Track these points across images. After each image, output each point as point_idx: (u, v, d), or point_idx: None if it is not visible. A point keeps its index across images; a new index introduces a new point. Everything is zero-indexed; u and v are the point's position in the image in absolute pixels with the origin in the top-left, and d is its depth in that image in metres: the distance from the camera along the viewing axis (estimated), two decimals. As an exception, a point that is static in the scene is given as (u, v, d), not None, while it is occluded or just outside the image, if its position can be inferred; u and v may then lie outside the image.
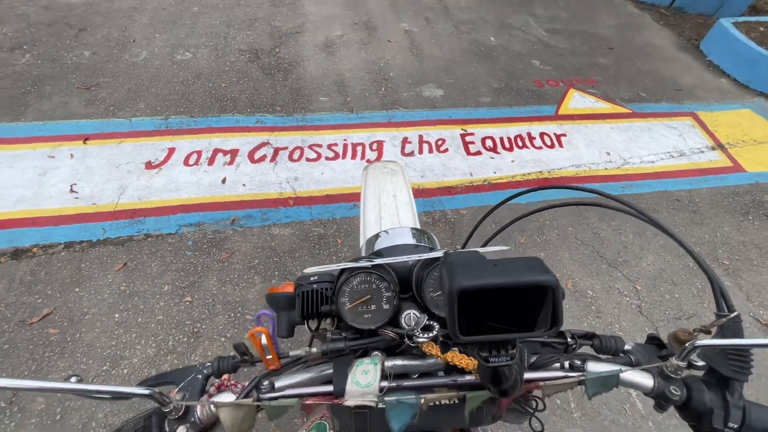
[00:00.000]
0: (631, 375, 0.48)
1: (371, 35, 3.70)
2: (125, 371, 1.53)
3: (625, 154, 2.83)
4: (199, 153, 2.41)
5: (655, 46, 4.19)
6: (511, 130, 2.88)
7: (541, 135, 2.86)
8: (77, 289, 1.75)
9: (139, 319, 1.68)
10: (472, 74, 3.39)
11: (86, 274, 1.80)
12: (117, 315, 1.68)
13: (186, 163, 2.34)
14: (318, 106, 2.87)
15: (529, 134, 2.86)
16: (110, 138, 2.43)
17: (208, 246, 1.97)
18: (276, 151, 2.49)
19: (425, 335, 0.51)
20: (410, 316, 0.55)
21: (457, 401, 0.50)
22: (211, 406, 0.44)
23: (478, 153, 2.67)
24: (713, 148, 3.00)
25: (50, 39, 3.16)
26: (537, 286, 0.31)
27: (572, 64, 3.70)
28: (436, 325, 0.53)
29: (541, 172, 2.59)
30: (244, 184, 2.27)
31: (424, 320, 0.53)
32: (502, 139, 2.79)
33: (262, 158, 2.44)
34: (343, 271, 0.57)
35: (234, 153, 2.44)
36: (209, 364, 0.50)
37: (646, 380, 0.48)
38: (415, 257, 0.60)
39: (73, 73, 2.87)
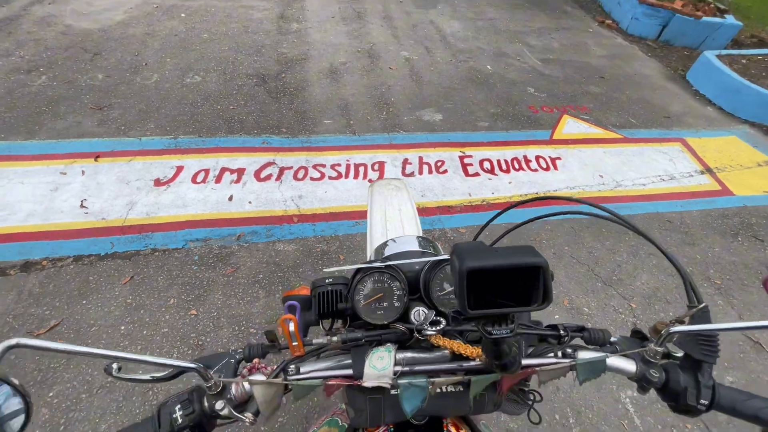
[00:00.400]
0: (616, 361, 0.54)
1: (373, 62, 3.88)
2: (129, 383, 1.54)
3: (617, 176, 2.93)
4: (206, 171, 2.49)
5: (643, 76, 4.39)
6: (508, 153, 2.99)
7: (537, 158, 2.97)
8: (84, 302, 1.78)
9: (145, 332, 1.71)
10: (469, 100, 3.53)
11: (94, 287, 1.83)
12: (123, 327, 1.71)
13: (194, 180, 2.42)
14: (322, 128, 2.98)
15: (525, 157, 2.97)
16: (121, 156, 2.51)
17: (213, 261, 2.02)
18: (281, 170, 2.58)
19: (433, 329, 0.57)
20: (419, 312, 0.61)
21: (462, 388, 0.56)
22: (245, 385, 0.49)
23: (476, 174, 2.77)
24: (702, 172, 3.11)
25: (66, 62, 3.30)
26: (530, 267, 0.37)
27: (565, 91, 3.87)
28: (443, 320, 0.59)
29: (537, 193, 2.68)
30: (250, 202, 2.34)
31: (432, 315, 0.59)
32: (499, 161, 2.90)
33: (268, 177, 2.52)
34: (358, 270, 0.63)
35: (241, 172, 2.52)
36: (240, 350, 0.55)
37: (630, 366, 0.53)
38: (423, 260, 0.66)
39: (86, 95, 2.98)
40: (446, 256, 0.66)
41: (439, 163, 2.80)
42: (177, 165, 2.50)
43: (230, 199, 2.34)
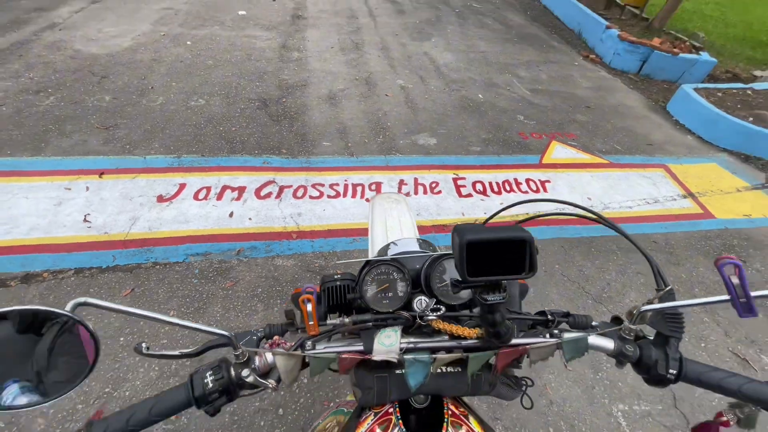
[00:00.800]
0: (596, 340, 0.60)
1: (371, 90, 4.06)
2: (127, 393, 1.54)
3: (604, 199, 3.06)
4: (208, 189, 2.56)
5: (627, 106, 4.63)
6: (500, 175, 3.12)
7: (527, 181, 3.10)
8: (84, 313, 1.79)
9: (144, 344, 1.71)
10: (462, 126, 3.70)
11: (94, 299, 1.85)
12: (122, 338, 1.72)
13: (196, 197, 2.48)
14: (321, 150, 3.09)
15: (516, 180, 3.09)
16: (125, 173, 2.58)
17: (213, 275, 2.06)
18: (281, 189, 2.66)
19: (434, 314, 0.64)
20: (421, 301, 0.67)
21: (460, 369, 0.62)
22: (268, 357, 0.55)
23: (469, 195, 2.87)
24: (684, 197, 3.25)
25: (74, 84, 3.41)
26: (518, 240, 0.44)
27: (553, 119, 4.06)
28: (442, 307, 0.65)
29: (527, 213, 2.77)
30: (250, 218, 2.40)
31: (432, 303, 0.65)
32: (491, 183, 3.01)
33: (268, 195, 2.59)
34: (367, 263, 0.70)
35: (241, 190, 2.60)
36: (261, 329, 0.61)
37: (609, 344, 0.60)
38: (424, 255, 0.73)
39: (93, 115, 3.08)
40: (445, 252, 0.73)
41: (433, 184, 2.91)
42: (180, 182, 2.57)
43: (231, 215, 2.40)
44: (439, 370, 0.62)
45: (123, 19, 4.74)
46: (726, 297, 0.52)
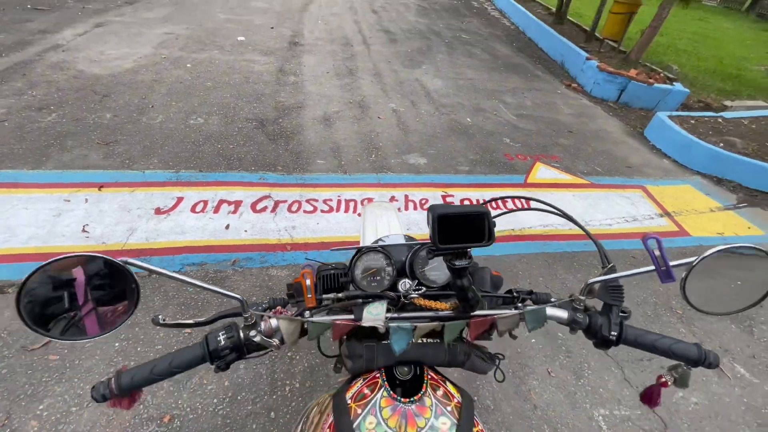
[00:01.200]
0: (553, 311, 0.70)
1: (364, 112, 4.24)
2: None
3: (586, 217, 3.21)
4: (205, 202, 2.64)
5: (606, 132, 4.89)
6: (487, 194, 3.26)
7: (513, 199, 3.24)
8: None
9: (139, 348, 1.76)
10: (451, 147, 3.87)
11: (91, 306, 1.89)
12: (117, 344, 1.76)
13: (193, 210, 2.56)
14: (315, 167, 3.21)
15: (502, 198, 3.22)
16: (124, 186, 2.65)
17: (210, 283, 2.11)
18: (276, 203, 2.75)
19: (416, 293, 0.73)
20: (405, 283, 0.77)
21: (438, 341, 0.71)
22: (272, 322, 0.63)
23: (458, 212, 2.99)
24: (661, 215, 3.42)
25: (76, 102, 3.53)
26: (478, 214, 0.54)
27: (538, 142, 4.27)
28: (423, 288, 0.75)
29: (513, 229, 2.90)
30: (245, 230, 2.48)
31: (414, 285, 0.75)
32: (478, 200, 3.15)
33: (264, 209, 2.68)
34: (359, 249, 0.79)
35: (238, 204, 2.68)
36: (266, 302, 0.70)
37: (563, 313, 0.70)
38: (408, 244, 0.83)
39: (94, 131, 3.18)
40: (426, 242, 0.83)
41: (423, 201, 3.03)
42: (177, 196, 2.65)
43: (227, 227, 2.48)
44: (420, 341, 0.71)
45: (125, 43, 4.93)
46: (651, 268, 0.63)
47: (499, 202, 3.01)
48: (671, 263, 0.61)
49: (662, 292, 2.60)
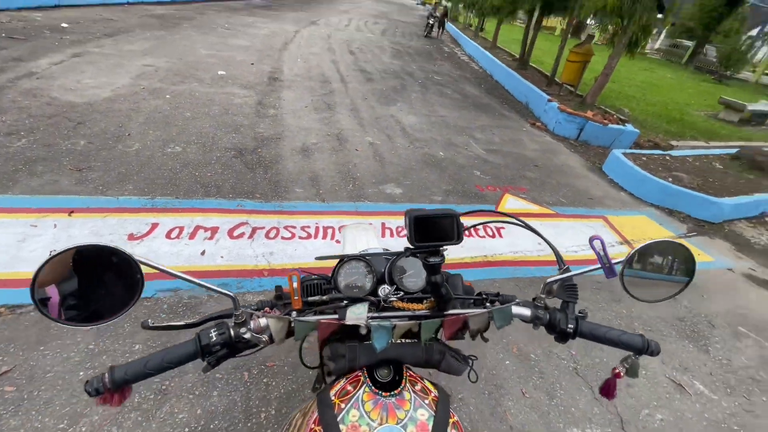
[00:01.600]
0: (518, 309, 0.78)
1: (341, 144, 4.39)
2: (84, 429, 1.48)
3: (554, 244, 3.37)
4: (181, 228, 2.62)
5: (569, 166, 5.24)
6: (460, 222, 3.39)
7: (484, 227, 3.39)
8: (42, 348, 1.74)
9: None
10: (425, 179, 4.04)
11: (55, 334, 1.80)
12: (82, 373, 1.67)
13: (168, 236, 2.53)
14: (294, 196, 3.27)
15: (473, 226, 3.36)
16: (96, 212, 2.60)
17: (183, 309, 2.07)
18: (254, 230, 2.76)
19: (395, 296, 0.80)
20: (384, 288, 0.83)
21: (416, 341, 0.76)
22: (261, 321, 0.67)
23: (433, 239, 3.09)
24: (621, 243, 3.65)
25: (48, 128, 3.48)
26: (448, 215, 0.63)
27: (506, 175, 4.52)
28: (402, 292, 0.81)
29: (485, 255, 3.02)
30: (221, 256, 2.47)
31: (393, 290, 0.81)
32: (452, 228, 3.27)
33: (241, 235, 2.68)
34: (342, 258, 0.85)
35: (214, 230, 2.68)
36: (254, 304, 0.74)
37: (527, 311, 0.78)
38: (387, 253, 0.90)
39: (66, 157, 3.13)
40: (403, 251, 0.90)
41: (399, 228, 3.12)
42: (152, 222, 2.62)
43: (203, 253, 2.46)
44: (399, 341, 0.76)
45: (103, 73, 4.95)
46: (598, 266, 0.72)
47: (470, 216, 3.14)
48: (613, 261, 0.71)
49: (626, 315, 2.74)
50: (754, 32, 20.65)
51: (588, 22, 9.81)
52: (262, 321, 0.68)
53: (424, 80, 7.98)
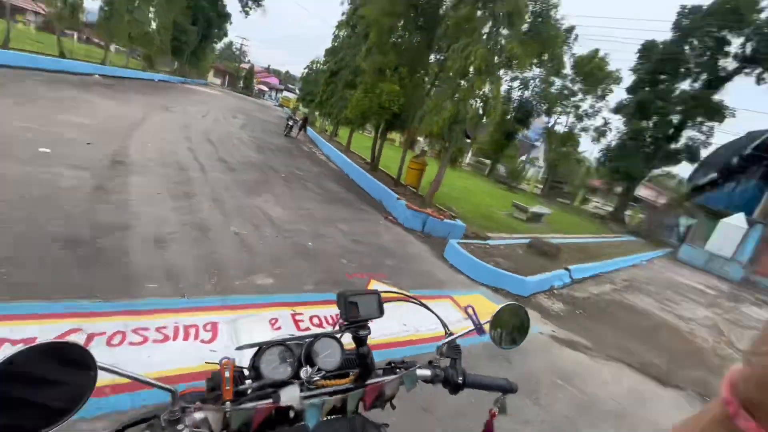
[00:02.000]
0: (420, 371, 0.94)
1: (204, 234, 4.13)
2: None
3: (416, 324, 3.75)
4: (-27, 344, 1.96)
5: (419, 254, 6.07)
6: (333, 309, 3.48)
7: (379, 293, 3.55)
8: None
9: None
10: (296, 267, 4.08)
11: None
12: None
13: (-52, 357, 1.85)
14: (146, 292, 2.85)
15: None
16: None
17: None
18: (90, 336, 2.26)
19: (317, 376, 0.87)
20: (306, 370, 0.89)
21: (341, 416, 0.84)
22: (197, 415, 0.65)
23: (308, 329, 3.07)
24: (466, 319, 4.30)
25: None
26: (371, 293, 0.79)
27: (369, 263, 4.94)
28: (324, 371, 0.89)
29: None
30: (41, 376, 1.91)
31: (315, 370, 0.89)
32: (326, 317, 3.32)
33: (71, 346, 2.15)
34: (263, 344, 0.89)
35: (29, 342, 2.08)
36: (187, 397, 0.70)
37: (427, 372, 0.95)
38: (306, 334, 0.98)
39: None
40: (323, 332, 0.99)
41: (272, 321, 3.00)
42: None
43: (9, 376, 1.86)
44: (325, 418, 0.82)
45: None
46: (472, 328, 0.97)
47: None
48: (482, 322, 0.97)
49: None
50: (523, 158, 29.29)
51: (419, 139, 12.34)
52: (197, 415, 0.66)
53: (287, 174, 8.38)
